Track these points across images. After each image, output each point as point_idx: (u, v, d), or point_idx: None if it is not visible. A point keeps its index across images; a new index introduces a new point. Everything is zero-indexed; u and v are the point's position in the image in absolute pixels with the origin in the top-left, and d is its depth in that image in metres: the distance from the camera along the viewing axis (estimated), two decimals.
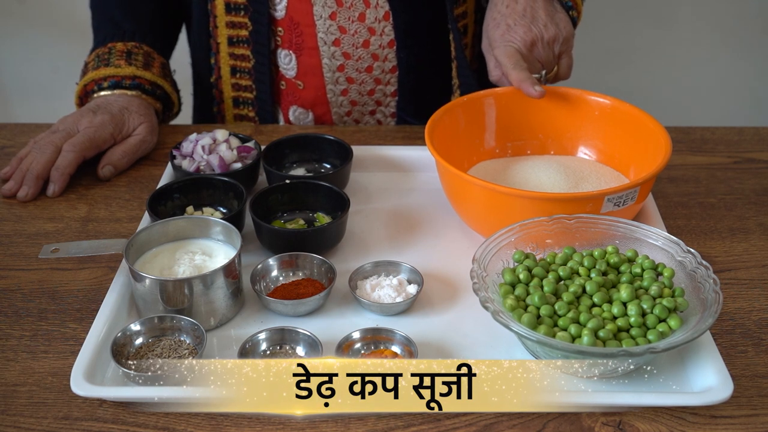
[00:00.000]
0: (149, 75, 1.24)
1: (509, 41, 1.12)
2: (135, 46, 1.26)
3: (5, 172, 1.15)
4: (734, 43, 2.33)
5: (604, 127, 1.11)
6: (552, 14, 1.13)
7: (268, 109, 1.31)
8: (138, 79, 1.23)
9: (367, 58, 1.26)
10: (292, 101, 1.32)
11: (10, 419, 0.80)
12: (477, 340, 0.88)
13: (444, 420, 0.80)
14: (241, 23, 1.26)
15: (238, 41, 1.27)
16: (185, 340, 0.86)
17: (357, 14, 1.23)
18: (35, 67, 2.37)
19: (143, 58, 1.25)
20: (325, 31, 1.23)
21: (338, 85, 1.28)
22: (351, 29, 1.23)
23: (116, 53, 1.24)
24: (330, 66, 1.26)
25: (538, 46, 1.12)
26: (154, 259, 0.92)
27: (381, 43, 1.25)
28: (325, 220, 1.05)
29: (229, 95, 1.33)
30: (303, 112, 1.32)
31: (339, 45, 1.24)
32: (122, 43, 1.26)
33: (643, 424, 0.79)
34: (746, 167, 1.20)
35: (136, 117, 1.20)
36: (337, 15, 1.22)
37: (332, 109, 1.31)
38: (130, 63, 1.23)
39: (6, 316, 0.93)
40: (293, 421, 0.80)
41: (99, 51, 1.26)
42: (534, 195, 0.95)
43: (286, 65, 1.28)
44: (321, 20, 1.23)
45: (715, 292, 0.82)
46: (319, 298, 0.91)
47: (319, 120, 1.33)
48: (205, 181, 1.06)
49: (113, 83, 1.22)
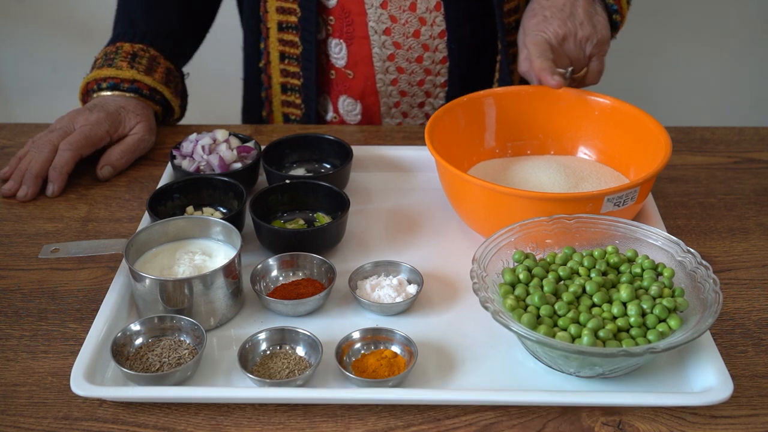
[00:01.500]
0: (149, 80, 1.23)
1: (541, 31, 1.12)
2: (142, 48, 1.25)
3: (5, 172, 1.15)
4: (734, 43, 2.33)
5: (604, 127, 1.11)
6: (591, 15, 1.13)
7: (313, 97, 1.32)
8: (137, 83, 1.22)
9: (418, 48, 1.27)
10: (341, 90, 1.32)
11: (10, 419, 0.80)
12: (477, 340, 0.88)
13: (444, 420, 0.80)
14: (291, 9, 1.26)
15: (288, 27, 1.28)
16: (185, 340, 0.86)
17: (408, 4, 1.23)
18: (35, 67, 2.37)
19: (147, 62, 1.25)
20: (376, 20, 1.24)
21: (388, 74, 1.29)
22: (402, 19, 1.24)
23: (121, 54, 1.24)
24: (380, 55, 1.27)
25: (570, 41, 1.12)
26: (154, 259, 0.92)
27: (432, 34, 1.26)
28: (325, 220, 1.05)
29: (277, 81, 1.34)
30: (352, 103, 1.32)
31: (390, 34, 1.25)
32: (130, 44, 1.26)
33: (643, 424, 0.79)
34: (746, 167, 1.20)
35: (133, 116, 1.20)
36: (388, 4, 1.23)
37: (381, 99, 1.31)
38: (132, 66, 1.23)
39: (6, 316, 0.93)
40: (293, 421, 0.80)
41: (108, 49, 1.26)
42: (534, 195, 0.95)
43: (336, 54, 1.29)
44: (372, 9, 1.24)
45: (715, 292, 0.82)
46: (319, 298, 0.91)
47: (367, 112, 1.34)
48: (205, 181, 1.06)
49: (112, 85, 1.22)
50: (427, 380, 0.83)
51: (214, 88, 1.94)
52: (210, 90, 2.11)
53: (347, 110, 1.33)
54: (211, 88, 1.99)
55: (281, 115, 1.37)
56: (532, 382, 0.83)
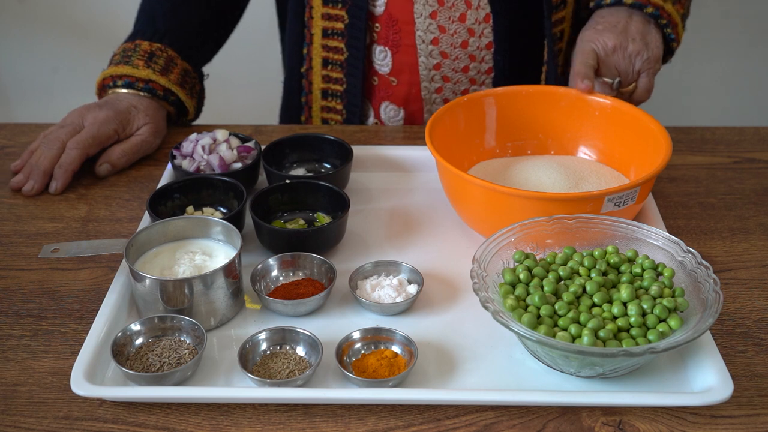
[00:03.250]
0: (164, 81, 1.23)
1: (591, 41, 1.14)
2: (159, 48, 1.25)
3: (16, 165, 1.17)
4: (734, 43, 2.33)
5: (605, 127, 1.11)
6: (645, 33, 1.15)
7: (357, 103, 1.32)
8: (151, 84, 1.22)
9: (464, 59, 1.26)
10: (384, 97, 1.32)
11: (10, 419, 0.80)
12: (477, 340, 0.88)
13: (444, 420, 0.80)
14: (338, 16, 1.26)
15: (333, 33, 1.27)
16: (185, 340, 0.86)
17: (458, 14, 1.23)
18: (35, 67, 2.37)
19: (164, 62, 1.24)
20: (424, 29, 1.24)
21: (433, 83, 1.28)
22: (450, 29, 1.24)
23: (139, 52, 1.24)
24: (426, 64, 1.27)
25: (619, 53, 1.13)
26: (155, 259, 0.92)
27: (479, 45, 1.25)
28: (325, 220, 1.05)
29: (318, 86, 1.33)
30: (395, 110, 1.32)
31: (437, 44, 1.25)
32: (149, 43, 1.25)
33: (643, 424, 0.79)
34: (746, 167, 1.20)
35: (142, 117, 1.21)
36: (437, 14, 1.23)
37: (425, 106, 1.31)
38: (149, 66, 1.23)
39: (6, 316, 0.93)
40: (293, 421, 0.80)
41: (126, 46, 1.26)
42: (534, 195, 0.95)
43: (381, 61, 1.28)
44: (421, 18, 1.23)
45: (715, 292, 0.82)
46: (319, 298, 0.91)
47: (410, 117, 1.34)
48: (205, 181, 1.06)
49: (127, 83, 1.22)
50: (427, 380, 0.83)
51: (214, 88, 1.94)
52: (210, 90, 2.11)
53: (389, 116, 1.33)
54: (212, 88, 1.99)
55: (320, 120, 1.37)
56: (532, 382, 0.83)
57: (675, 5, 1.19)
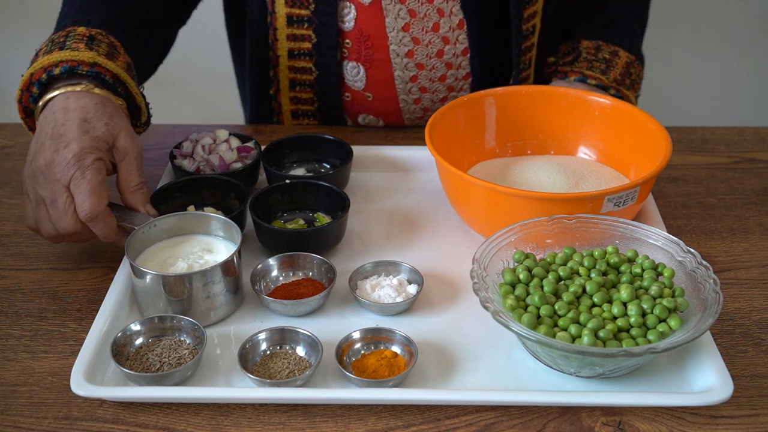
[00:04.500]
0: (112, 65, 1.00)
1: None
2: (100, 33, 1.04)
3: None
4: (734, 43, 2.33)
5: (604, 127, 1.11)
6: None
7: (330, 121, 1.30)
8: (97, 67, 0.99)
9: (441, 68, 1.24)
10: (359, 111, 1.29)
11: (10, 419, 0.80)
12: (477, 340, 0.88)
13: (444, 420, 0.80)
14: (304, 36, 1.21)
15: (300, 54, 1.23)
16: (185, 340, 0.86)
17: (431, 24, 1.20)
18: None
19: (107, 47, 1.03)
20: (397, 42, 1.20)
21: (411, 95, 1.26)
22: (425, 40, 1.20)
23: (75, 36, 1.02)
24: (403, 77, 1.24)
25: None
26: (155, 255, 0.93)
27: (455, 52, 1.23)
28: (325, 220, 1.05)
29: (287, 108, 1.30)
30: (374, 120, 1.30)
31: (412, 56, 1.22)
32: (85, 27, 1.04)
33: (643, 424, 0.79)
34: (746, 167, 1.20)
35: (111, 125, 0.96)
36: (410, 26, 1.19)
37: (404, 116, 1.30)
38: (91, 48, 1.00)
39: (6, 316, 0.93)
40: (293, 421, 0.80)
41: (54, 36, 1.04)
42: (534, 195, 0.95)
43: (353, 77, 1.24)
44: (394, 32, 1.19)
45: (715, 292, 0.82)
46: (319, 298, 0.91)
47: (389, 126, 1.32)
48: (205, 181, 1.06)
49: (67, 69, 0.98)
50: (427, 380, 0.83)
51: (214, 88, 1.94)
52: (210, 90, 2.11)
53: (370, 123, 1.32)
54: (211, 88, 1.99)
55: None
56: (532, 382, 0.83)
57: (629, 90, 1.21)
